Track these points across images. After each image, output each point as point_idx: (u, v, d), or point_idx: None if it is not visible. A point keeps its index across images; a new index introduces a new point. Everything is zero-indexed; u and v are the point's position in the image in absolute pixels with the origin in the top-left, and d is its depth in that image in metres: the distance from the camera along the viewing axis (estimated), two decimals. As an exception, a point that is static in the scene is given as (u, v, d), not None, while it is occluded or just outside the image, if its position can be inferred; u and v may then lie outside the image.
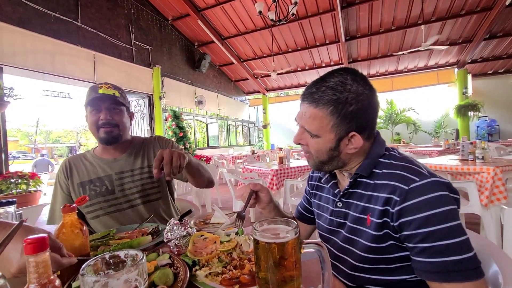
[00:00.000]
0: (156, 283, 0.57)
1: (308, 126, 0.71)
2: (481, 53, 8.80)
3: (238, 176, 3.47)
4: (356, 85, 0.66)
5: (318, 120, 0.69)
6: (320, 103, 0.67)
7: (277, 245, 0.47)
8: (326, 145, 0.70)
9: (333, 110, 0.66)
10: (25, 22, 4.62)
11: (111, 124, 1.14)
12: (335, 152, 0.71)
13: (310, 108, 0.70)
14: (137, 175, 1.21)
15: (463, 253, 0.54)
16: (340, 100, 0.66)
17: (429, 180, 0.60)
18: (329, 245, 0.79)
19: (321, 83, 0.69)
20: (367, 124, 0.69)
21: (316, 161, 0.75)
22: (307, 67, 10.14)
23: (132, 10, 6.88)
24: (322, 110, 0.67)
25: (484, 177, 2.28)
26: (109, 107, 1.14)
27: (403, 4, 6.90)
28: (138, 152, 1.26)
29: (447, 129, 10.62)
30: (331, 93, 0.66)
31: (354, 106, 0.66)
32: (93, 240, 0.86)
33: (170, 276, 0.59)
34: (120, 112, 1.18)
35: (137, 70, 6.88)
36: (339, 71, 0.69)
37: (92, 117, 1.15)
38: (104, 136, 1.15)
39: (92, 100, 1.12)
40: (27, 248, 0.40)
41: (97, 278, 0.35)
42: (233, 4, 7.23)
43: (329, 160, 0.73)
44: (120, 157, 1.23)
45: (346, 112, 0.66)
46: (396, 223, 0.61)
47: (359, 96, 0.66)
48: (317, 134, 0.70)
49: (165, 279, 0.59)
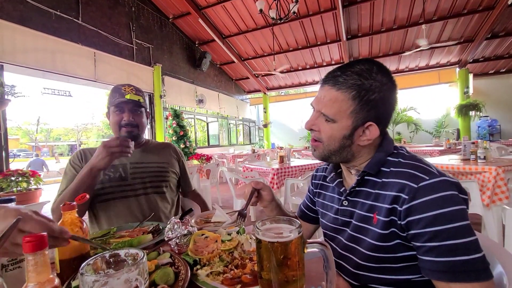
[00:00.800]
0: (157, 282, 0.56)
1: (326, 110, 0.68)
2: (483, 52, 8.77)
3: (238, 175, 3.47)
4: (381, 75, 0.66)
5: (338, 104, 0.67)
6: (343, 86, 0.66)
7: (280, 245, 0.47)
8: (341, 132, 0.68)
9: (356, 95, 0.65)
10: (26, 20, 4.61)
11: (132, 125, 1.25)
12: (348, 141, 0.69)
13: (331, 90, 0.68)
14: (151, 168, 1.31)
15: (472, 254, 0.53)
16: (364, 86, 0.65)
17: (439, 179, 0.59)
18: (334, 244, 0.79)
19: (347, 68, 0.67)
20: (384, 117, 0.68)
21: (325, 150, 0.72)
22: (308, 66, 10.12)
23: (133, 9, 6.86)
24: (344, 94, 0.66)
25: (486, 177, 2.27)
26: (132, 109, 1.26)
27: (405, 3, 6.88)
28: (153, 150, 1.39)
29: (448, 129, 10.60)
30: (356, 78, 0.65)
31: (377, 95, 0.65)
32: (93, 239, 0.86)
33: (171, 276, 0.59)
34: (141, 114, 1.30)
35: (137, 68, 6.87)
36: (366, 60, 0.68)
37: (116, 117, 1.25)
38: (125, 135, 1.24)
39: (118, 103, 1.23)
40: (26, 247, 0.39)
41: (96, 278, 0.34)
42: (234, 2, 7.21)
43: (339, 149, 0.71)
44: (136, 150, 1.32)
45: (368, 100, 0.65)
46: (404, 221, 0.60)
47: (382, 86, 0.66)
48: (334, 118, 0.68)
49: (166, 278, 0.58)
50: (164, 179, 1.32)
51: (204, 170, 4.60)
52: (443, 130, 10.78)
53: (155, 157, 1.35)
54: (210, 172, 4.52)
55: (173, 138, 7.18)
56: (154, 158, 1.35)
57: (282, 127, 14.37)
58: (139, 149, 1.35)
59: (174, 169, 1.39)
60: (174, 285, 0.57)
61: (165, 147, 1.46)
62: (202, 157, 5.28)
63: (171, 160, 1.41)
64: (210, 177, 4.48)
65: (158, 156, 1.37)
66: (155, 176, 1.30)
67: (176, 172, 1.41)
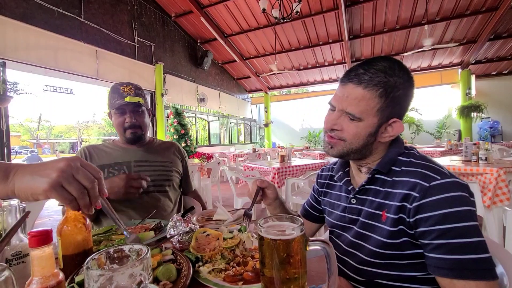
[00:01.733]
0: (160, 279, 0.57)
1: (352, 109, 0.67)
2: (485, 54, 8.73)
3: (239, 174, 3.47)
4: (403, 72, 0.67)
5: (365, 102, 0.66)
6: (370, 84, 0.65)
7: (283, 242, 0.47)
8: (367, 130, 0.68)
9: (383, 92, 0.65)
10: (29, 17, 4.62)
11: (135, 126, 1.27)
12: (372, 139, 0.70)
13: (357, 89, 0.67)
14: (154, 166, 1.32)
15: (480, 253, 0.53)
16: (390, 83, 0.65)
17: (450, 179, 0.60)
18: (339, 241, 0.80)
19: (370, 66, 0.67)
20: (404, 113, 0.70)
21: (345, 148, 0.71)
22: (309, 65, 10.10)
23: (135, 7, 6.86)
24: (371, 92, 0.66)
25: (487, 178, 2.27)
26: (133, 110, 1.27)
27: (408, 4, 6.86)
28: (157, 149, 1.40)
29: (450, 130, 10.57)
30: (382, 75, 0.65)
31: (402, 92, 0.66)
32: (96, 235, 0.86)
33: (173, 272, 0.59)
34: (142, 114, 1.31)
35: (139, 66, 6.87)
36: (386, 58, 0.68)
37: (118, 119, 1.27)
38: (130, 137, 1.28)
39: (118, 107, 1.24)
40: (31, 241, 0.39)
41: (102, 272, 0.35)
42: (236, 1, 7.20)
43: (362, 147, 0.71)
44: (139, 149, 1.35)
45: (394, 96, 0.66)
46: (412, 219, 0.61)
47: (405, 83, 0.67)
48: (360, 117, 0.67)
49: (168, 274, 0.58)
50: (167, 178, 1.33)
51: (205, 169, 4.60)
52: (444, 131, 10.75)
53: (159, 156, 1.36)
54: (211, 170, 4.52)
55: (174, 137, 7.19)
56: (158, 157, 1.36)
57: (283, 126, 14.36)
58: (143, 147, 1.36)
59: (177, 168, 1.40)
60: (176, 281, 0.58)
61: (169, 146, 1.46)
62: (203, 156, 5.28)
63: (175, 159, 1.42)
64: (211, 175, 4.48)
65: (162, 155, 1.38)
66: (158, 175, 1.30)
67: (179, 172, 1.42)
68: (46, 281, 0.41)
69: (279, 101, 14.06)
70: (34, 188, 0.50)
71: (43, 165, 0.52)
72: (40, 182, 0.49)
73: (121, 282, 0.35)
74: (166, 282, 0.57)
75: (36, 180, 0.50)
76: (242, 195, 3.25)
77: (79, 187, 0.51)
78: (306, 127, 13.83)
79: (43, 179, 0.49)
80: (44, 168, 0.51)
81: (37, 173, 0.50)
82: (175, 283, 0.57)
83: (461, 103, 9.18)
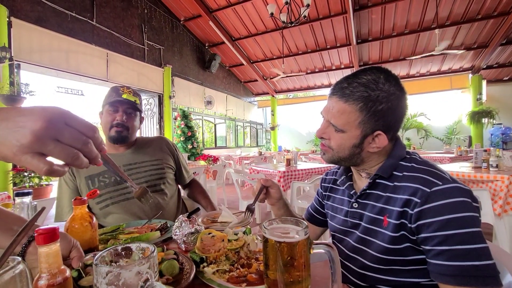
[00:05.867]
0: (163, 273, 0.58)
1: (335, 121, 0.70)
2: (497, 58, 8.57)
3: (245, 177, 3.48)
4: (388, 85, 0.66)
5: (346, 115, 0.68)
6: (351, 98, 0.67)
7: (287, 245, 0.47)
8: (350, 141, 0.70)
9: (363, 106, 0.66)
10: (43, 20, 4.76)
11: (123, 126, 1.24)
12: (357, 149, 0.71)
13: (339, 102, 0.69)
14: (144, 167, 1.29)
15: (483, 260, 0.52)
16: (371, 97, 0.65)
17: (452, 185, 0.59)
18: (342, 246, 0.79)
19: (353, 79, 0.68)
20: (393, 125, 0.69)
21: (334, 156, 0.74)
22: (317, 69, 10.09)
23: (146, 11, 7.00)
24: (352, 106, 0.67)
25: (498, 185, 2.22)
26: (126, 111, 1.25)
27: (417, 8, 6.80)
28: (143, 149, 1.36)
29: (460, 136, 10.37)
30: (363, 89, 0.66)
31: (384, 105, 0.66)
32: (103, 234, 0.88)
33: (176, 268, 0.61)
34: (134, 117, 1.29)
35: (148, 69, 6.98)
36: (373, 69, 0.68)
37: (109, 116, 1.24)
38: (114, 135, 1.24)
39: (113, 101, 1.22)
40: (39, 239, 0.41)
41: (110, 269, 0.36)
42: (244, 5, 7.27)
43: (349, 157, 0.72)
44: (126, 152, 1.32)
45: (376, 110, 0.66)
46: (414, 224, 0.60)
47: (390, 96, 0.66)
48: (342, 129, 0.69)
49: (172, 270, 0.60)
50: (160, 176, 1.31)
51: (211, 171, 4.63)
52: (454, 137, 10.55)
53: (146, 156, 1.33)
54: (217, 173, 4.54)
55: (181, 139, 7.26)
56: (146, 156, 1.33)
57: (289, 130, 14.33)
58: (129, 150, 1.33)
59: (169, 164, 1.38)
60: (179, 276, 0.59)
61: (157, 141, 1.43)
62: (209, 158, 5.31)
63: (164, 155, 1.39)
64: (216, 178, 4.50)
65: (150, 153, 1.35)
66: (150, 175, 1.28)
67: (171, 167, 1.39)
68: (53, 277, 0.42)
69: (285, 104, 14.05)
70: (5, 144, 0.34)
71: (18, 113, 0.35)
72: (12, 139, 0.34)
73: (128, 279, 0.36)
74: (169, 277, 0.58)
75: (9, 134, 0.34)
76: (248, 198, 3.25)
77: (65, 153, 0.37)
78: (312, 131, 13.75)
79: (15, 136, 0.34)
80: (19, 120, 0.35)
81: (11, 122, 0.35)
82: (178, 279, 0.58)
83: (471, 109, 9.01)
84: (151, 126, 7.60)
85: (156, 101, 7.49)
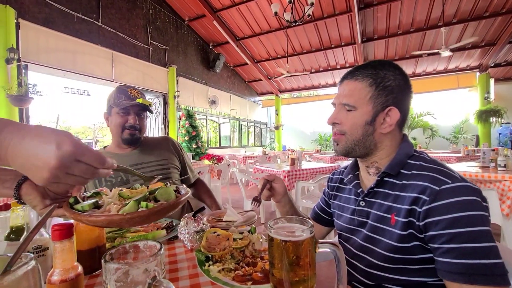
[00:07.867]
0: (158, 199, 0.59)
1: (346, 99, 0.74)
2: (505, 56, 8.42)
3: (249, 176, 3.48)
4: (393, 68, 0.73)
5: (357, 92, 0.73)
6: (360, 76, 0.73)
7: (292, 243, 0.48)
8: (363, 118, 0.72)
9: (372, 82, 0.72)
10: (50, 21, 4.82)
11: (136, 128, 1.27)
12: (370, 128, 0.72)
13: (349, 82, 0.75)
14: (151, 167, 1.31)
15: (492, 258, 0.52)
16: (379, 74, 0.72)
17: (462, 184, 0.59)
18: (348, 244, 0.80)
19: (363, 65, 0.75)
20: (403, 104, 0.73)
21: (348, 141, 0.75)
22: (321, 68, 10.04)
23: (150, 11, 7.04)
24: (362, 82, 0.73)
25: (506, 185, 2.19)
26: (138, 113, 1.28)
27: (423, 5, 6.72)
28: (149, 149, 1.38)
29: (467, 135, 10.22)
30: (372, 69, 0.73)
31: (392, 82, 0.71)
32: (110, 232, 0.89)
33: (172, 195, 0.61)
34: (145, 118, 1.34)
35: (153, 69, 7.03)
36: (379, 60, 0.76)
37: (119, 119, 1.26)
38: (127, 138, 1.27)
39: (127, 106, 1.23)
40: (54, 235, 0.42)
41: (119, 266, 0.36)
42: (248, 5, 7.26)
43: (362, 138, 0.73)
44: (132, 152, 1.33)
45: (385, 85, 0.71)
46: (422, 223, 0.60)
47: (396, 76, 0.72)
48: (354, 105, 0.73)
49: (167, 196, 0.60)
50: (166, 176, 1.32)
51: (215, 171, 4.65)
52: (461, 137, 10.40)
53: (153, 156, 1.35)
54: (221, 172, 4.56)
55: (186, 138, 7.30)
56: (152, 157, 1.35)
57: (293, 129, 14.29)
58: (136, 150, 1.35)
59: (174, 164, 1.39)
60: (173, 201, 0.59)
61: (162, 142, 1.45)
62: (214, 158, 5.33)
63: (170, 155, 1.40)
64: (221, 177, 4.52)
65: (156, 154, 1.37)
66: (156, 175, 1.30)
67: (177, 167, 1.41)
68: (66, 273, 0.43)
69: (290, 103, 14.01)
70: (42, 159, 0.40)
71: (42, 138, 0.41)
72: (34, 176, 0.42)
73: (136, 276, 0.36)
74: (163, 202, 0.58)
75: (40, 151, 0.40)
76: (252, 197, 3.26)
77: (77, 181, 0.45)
78: (317, 131, 13.71)
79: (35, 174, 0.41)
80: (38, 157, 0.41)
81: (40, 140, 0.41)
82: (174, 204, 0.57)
83: (479, 108, 8.86)
84: (156, 126, 7.66)
85: (161, 101, 7.54)
